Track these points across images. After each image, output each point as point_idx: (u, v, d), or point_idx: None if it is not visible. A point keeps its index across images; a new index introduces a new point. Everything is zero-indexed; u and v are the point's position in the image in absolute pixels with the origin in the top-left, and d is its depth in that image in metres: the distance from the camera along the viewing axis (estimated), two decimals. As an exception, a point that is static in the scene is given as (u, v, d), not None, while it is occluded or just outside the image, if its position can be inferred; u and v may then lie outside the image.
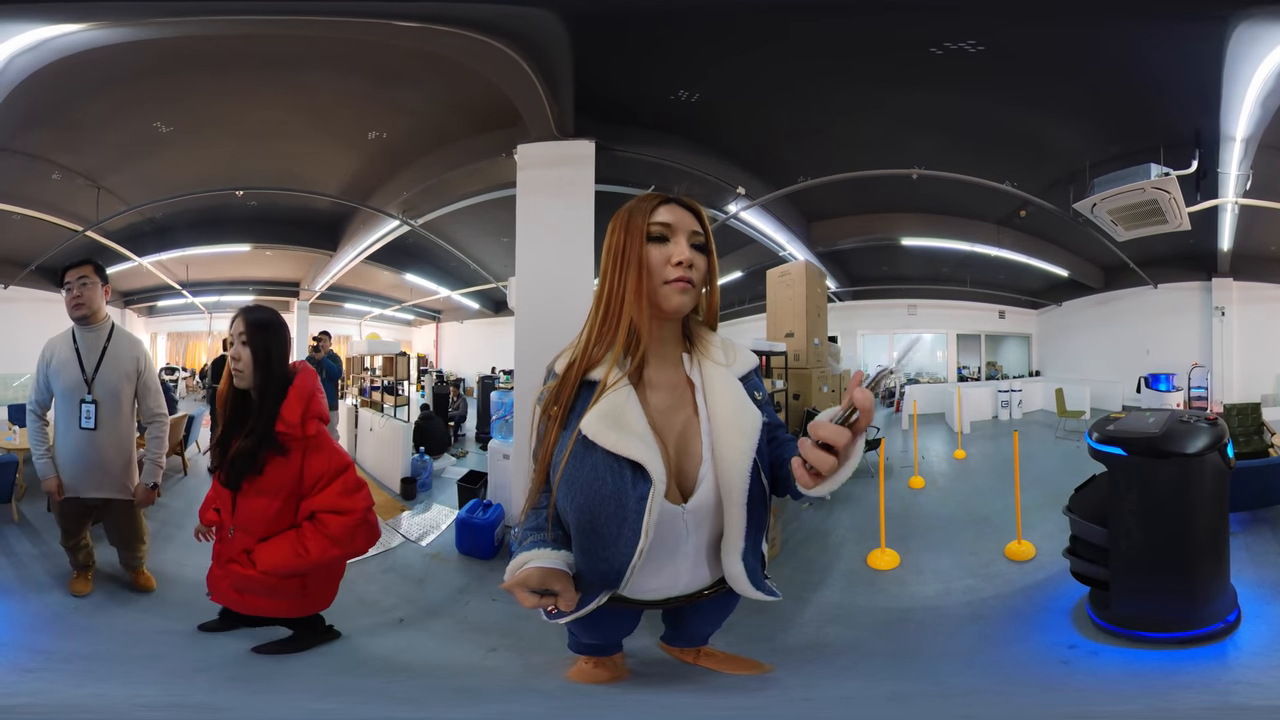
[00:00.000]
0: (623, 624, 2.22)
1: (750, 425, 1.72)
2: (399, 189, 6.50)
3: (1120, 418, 3.64)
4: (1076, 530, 3.60)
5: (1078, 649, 3.29)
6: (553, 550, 1.69)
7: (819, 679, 3.00)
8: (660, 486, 1.62)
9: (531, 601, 1.59)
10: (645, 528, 1.61)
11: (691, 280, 1.70)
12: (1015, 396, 7.60)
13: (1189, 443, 3.25)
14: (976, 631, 3.67)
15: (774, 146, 5.91)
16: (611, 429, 1.63)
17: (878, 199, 6.57)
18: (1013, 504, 4.73)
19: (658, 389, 1.77)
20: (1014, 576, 4.26)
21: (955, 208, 6.60)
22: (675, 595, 1.85)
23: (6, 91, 4.57)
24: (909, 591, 4.20)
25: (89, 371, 3.70)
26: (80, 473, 3.75)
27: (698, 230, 1.75)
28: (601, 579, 1.70)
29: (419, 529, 5.42)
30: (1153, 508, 3.27)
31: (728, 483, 1.69)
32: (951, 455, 6.81)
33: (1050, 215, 6.02)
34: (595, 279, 3.71)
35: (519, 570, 1.63)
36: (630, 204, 1.78)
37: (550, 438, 1.75)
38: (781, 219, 6.75)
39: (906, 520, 5.26)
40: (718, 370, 1.80)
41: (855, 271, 7.67)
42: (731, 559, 1.77)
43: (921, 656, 3.44)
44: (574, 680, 2.61)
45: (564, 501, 1.71)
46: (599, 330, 1.74)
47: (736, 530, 1.73)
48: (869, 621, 3.85)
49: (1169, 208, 5.41)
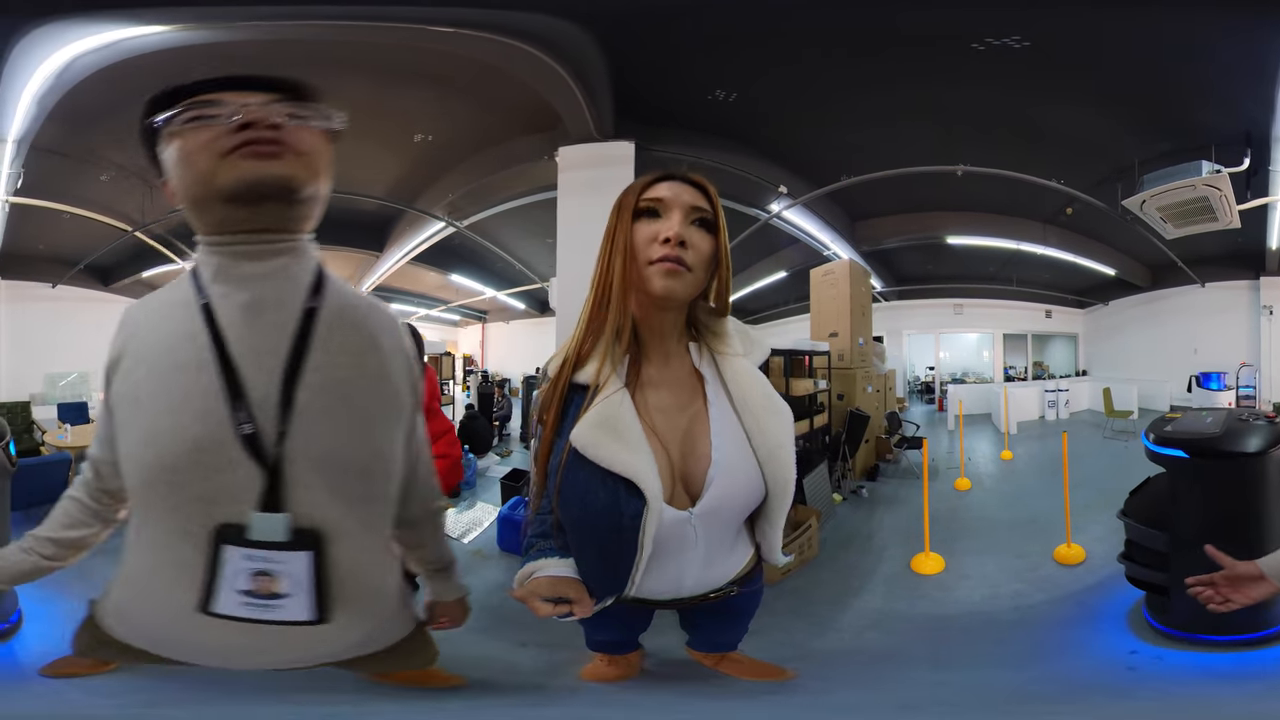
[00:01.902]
0: (634, 621, 2.08)
1: (783, 409, 1.58)
2: (445, 191, 6.46)
3: (1176, 418, 3.45)
4: (1132, 535, 3.38)
5: (1139, 654, 3.09)
6: (560, 558, 1.57)
7: (840, 686, 2.78)
8: (656, 504, 1.44)
9: (545, 610, 1.45)
10: (641, 544, 1.46)
11: (683, 261, 1.44)
12: (1062, 396, 7.43)
13: (1250, 441, 3.09)
14: (1026, 638, 3.46)
15: (815, 145, 5.77)
16: (601, 441, 1.46)
17: (922, 197, 6.43)
18: (1060, 505, 4.51)
19: (658, 387, 1.57)
20: (1064, 581, 4.03)
21: (1001, 205, 6.44)
22: (681, 597, 1.66)
23: (63, 91, 4.60)
24: (953, 597, 4.00)
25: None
26: None
27: (700, 207, 1.49)
28: (601, 587, 1.56)
29: (462, 526, 5.35)
30: (1217, 509, 3.06)
31: (775, 475, 1.53)
32: (998, 456, 6.61)
33: (1097, 213, 5.83)
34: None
35: (528, 580, 1.53)
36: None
37: (546, 445, 1.57)
38: (825, 218, 6.62)
39: (952, 523, 5.07)
40: (737, 361, 1.60)
41: (900, 271, 7.55)
42: (772, 537, 1.63)
43: (963, 664, 3.22)
44: (585, 679, 2.45)
45: (561, 513, 1.56)
46: (588, 325, 1.54)
47: (779, 516, 1.59)
48: (910, 628, 3.67)
49: (1220, 205, 5.19)
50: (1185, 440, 3.18)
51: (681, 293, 1.47)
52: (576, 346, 1.53)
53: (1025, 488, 5.76)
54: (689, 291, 1.49)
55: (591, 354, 1.51)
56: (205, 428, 1.22)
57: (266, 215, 1.25)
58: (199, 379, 1.23)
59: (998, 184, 5.67)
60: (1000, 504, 5.56)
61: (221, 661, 1.40)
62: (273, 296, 1.29)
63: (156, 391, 1.25)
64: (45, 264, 6.20)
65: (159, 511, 1.29)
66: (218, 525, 1.25)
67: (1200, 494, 3.13)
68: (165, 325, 1.30)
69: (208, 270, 1.30)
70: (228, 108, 1.21)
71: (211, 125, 1.20)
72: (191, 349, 1.25)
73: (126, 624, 1.45)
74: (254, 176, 1.20)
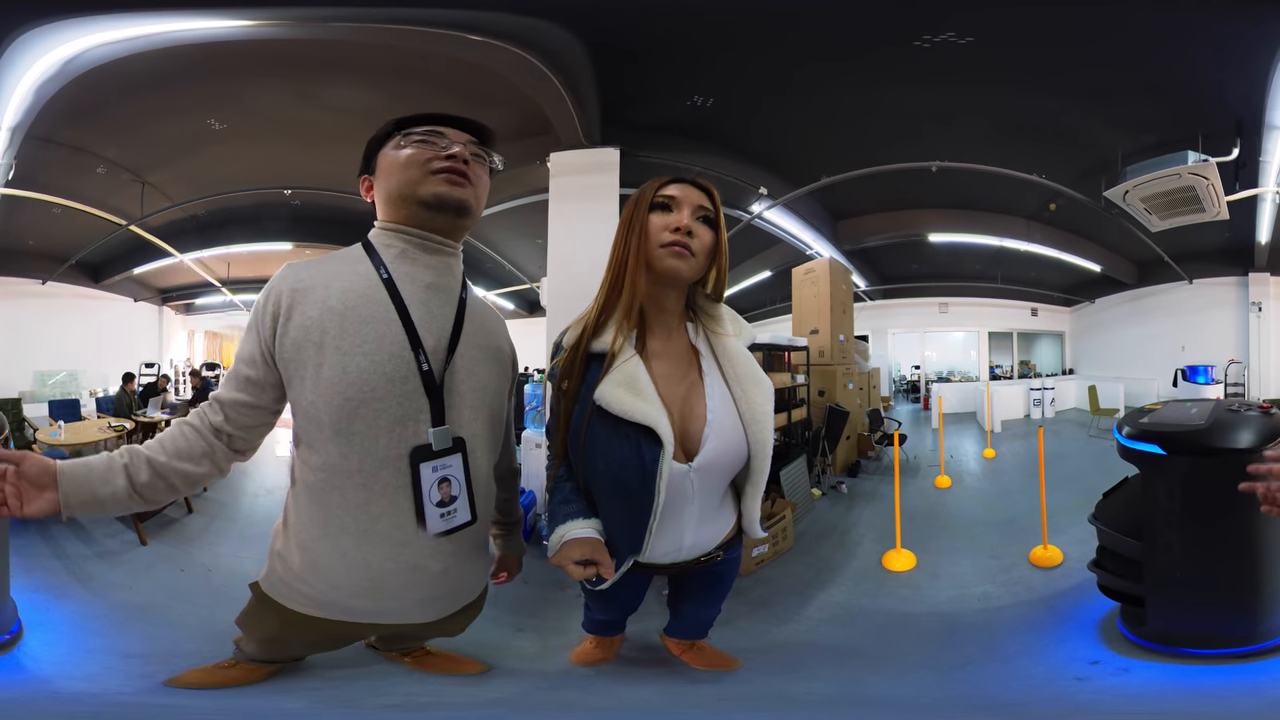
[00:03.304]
0: (634, 594, 2.28)
1: (766, 382, 1.84)
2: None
3: (1155, 409, 3.07)
4: (1105, 540, 3.08)
5: (1103, 665, 2.81)
6: (584, 520, 1.77)
7: (779, 677, 2.76)
8: (670, 449, 1.69)
9: (579, 573, 1.66)
10: (658, 488, 1.69)
11: (689, 247, 1.73)
12: (1048, 395, 7.26)
13: (1241, 435, 2.62)
14: (983, 641, 3.27)
15: (792, 146, 5.74)
16: (624, 397, 1.69)
17: (903, 195, 6.32)
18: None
19: (660, 357, 1.82)
20: (1037, 584, 3.86)
21: (983, 202, 6.29)
22: (680, 561, 1.92)
23: (62, 83, 4.55)
24: (920, 595, 3.87)
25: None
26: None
27: (705, 206, 1.79)
28: (627, 543, 1.80)
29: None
30: (1200, 516, 2.66)
31: (757, 438, 1.80)
32: (981, 454, 6.47)
33: (1082, 208, 5.67)
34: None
35: (560, 544, 1.72)
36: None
37: (568, 409, 1.81)
38: (807, 218, 6.52)
39: (930, 520, 4.94)
40: (728, 340, 1.87)
41: (885, 270, 7.40)
42: (753, 504, 1.89)
43: (904, 664, 3.05)
44: (574, 662, 2.72)
45: (587, 470, 1.80)
46: (606, 299, 1.79)
47: (760, 477, 1.85)
48: (868, 625, 3.56)
49: (1207, 195, 5.00)
50: (1163, 434, 2.77)
51: (685, 273, 1.75)
52: (595, 318, 1.79)
53: (1006, 487, 5.61)
54: (692, 273, 1.77)
55: (607, 325, 1.77)
56: (396, 366, 1.68)
57: (442, 223, 1.79)
58: (388, 331, 1.69)
59: (979, 180, 5.56)
60: (980, 503, 5.40)
61: (396, 614, 1.84)
62: (443, 283, 1.82)
63: (347, 338, 1.65)
64: (35, 259, 6.11)
65: (360, 444, 1.67)
66: (413, 447, 1.69)
67: (1180, 499, 2.72)
68: (341, 284, 1.71)
69: (389, 251, 1.79)
70: (445, 139, 1.75)
71: (430, 149, 1.73)
72: (376, 308, 1.70)
73: (309, 584, 1.79)
74: (446, 193, 1.73)
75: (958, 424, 7.12)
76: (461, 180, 1.75)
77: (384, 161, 1.79)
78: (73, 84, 4.55)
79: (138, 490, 1.59)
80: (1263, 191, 5.18)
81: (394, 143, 1.77)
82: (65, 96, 4.66)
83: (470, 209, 1.78)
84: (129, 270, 6.62)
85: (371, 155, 1.85)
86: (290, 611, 1.85)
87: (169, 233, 6.31)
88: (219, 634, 2.45)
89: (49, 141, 5.16)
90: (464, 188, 1.75)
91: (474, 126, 1.83)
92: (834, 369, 6.22)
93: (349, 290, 1.70)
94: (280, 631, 1.95)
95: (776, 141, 5.69)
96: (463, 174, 1.75)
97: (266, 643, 2.15)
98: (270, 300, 1.68)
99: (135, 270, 6.63)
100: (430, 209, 1.75)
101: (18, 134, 4.91)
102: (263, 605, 1.91)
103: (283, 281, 1.69)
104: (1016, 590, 3.83)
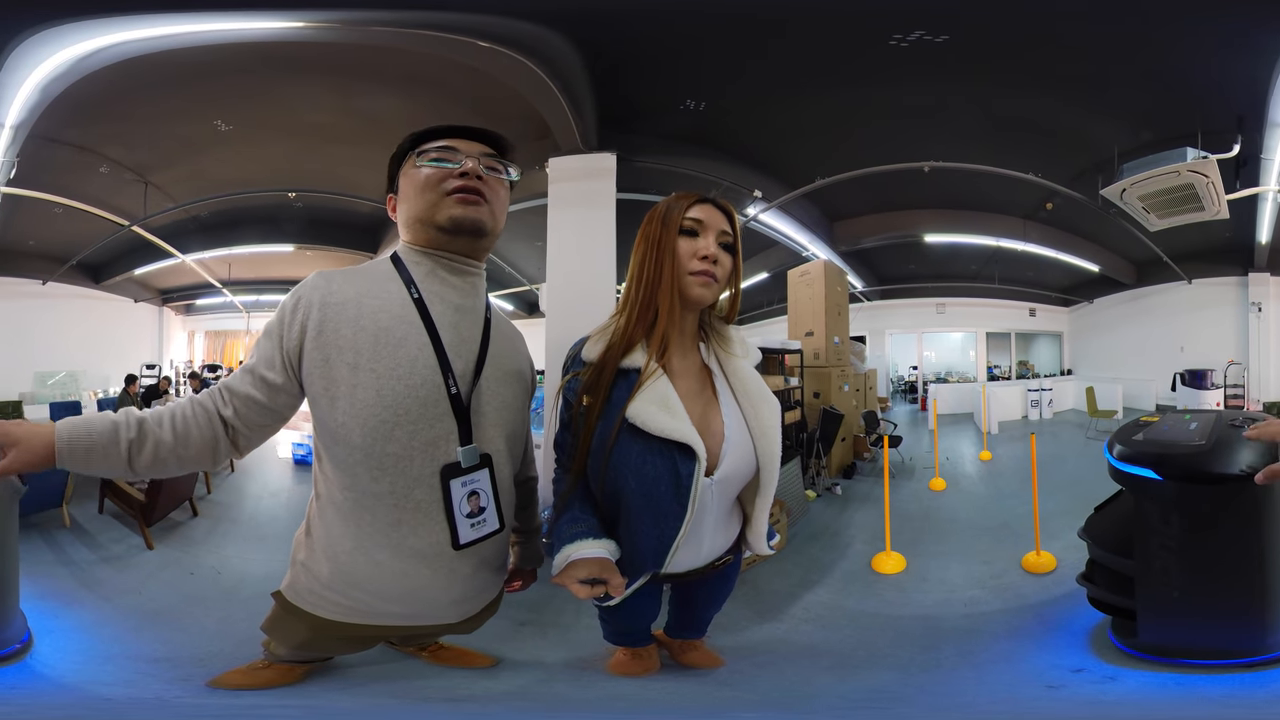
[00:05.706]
0: (653, 602, 2.25)
1: (774, 401, 1.85)
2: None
3: (1151, 423, 2.77)
4: (1095, 555, 2.82)
5: (1087, 673, 2.57)
6: (594, 540, 1.73)
7: (757, 676, 2.71)
8: (704, 465, 1.69)
9: (585, 592, 1.65)
10: (691, 502, 1.69)
11: (715, 275, 1.74)
12: (1045, 396, 7.11)
13: (1245, 455, 2.32)
14: (961, 646, 3.07)
15: (787, 149, 5.63)
16: (657, 414, 1.68)
17: (897, 196, 6.20)
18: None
19: (680, 376, 1.80)
20: (1027, 590, 3.68)
21: (978, 202, 6.16)
22: (695, 567, 1.92)
23: (69, 83, 4.50)
24: (906, 598, 3.73)
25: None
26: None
27: (727, 231, 1.79)
28: (651, 556, 1.77)
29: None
30: (1201, 541, 2.39)
31: (766, 451, 1.80)
32: (977, 457, 6.31)
33: (1079, 208, 5.50)
34: (617, 283, 3.54)
35: (566, 564, 1.69)
36: (668, 199, 1.82)
37: (590, 425, 1.76)
38: (803, 220, 6.42)
39: (922, 524, 4.81)
40: (738, 361, 1.88)
41: (883, 271, 7.29)
42: (761, 518, 1.91)
43: (873, 665, 2.93)
44: (614, 673, 2.62)
45: (614, 485, 1.75)
46: (636, 318, 1.77)
47: (769, 490, 1.86)
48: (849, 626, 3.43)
49: (1206, 193, 4.79)
50: (1159, 457, 2.46)
51: (710, 299, 1.79)
52: (624, 336, 1.76)
53: (1001, 490, 5.44)
54: (714, 299, 1.82)
55: (636, 343, 1.75)
56: (429, 391, 1.66)
57: (462, 245, 1.75)
58: (420, 354, 1.66)
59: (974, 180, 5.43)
60: (974, 506, 5.23)
61: (430, 616, 1.85)
62: (469, 304, 1.79)
63: (382, 361, 1.62)
64: (35, 260, 6.06)
65: (393, 465, 1.65)
66: (443, 465, 1.69)
67: (1177, 524, 2.43)
68: (374, 303, 1.67)
69: (418, 270, 1.75)
70: (458, 154, 1.69)
71: (442, 168, 1.68)
72: (409, 330, 1.67)
73: (340, 592, 1.77)
74: (461, 216, 1.69)
75: (955, 425, 6.98)
76: (476, 199, 1.71)
77: (404, 182, 1.76)
78: (79, 83, 4.49)
79: (133, 468, 1.57)
80: (1264, 190, 5.00)
81: (411, 161, 1.74)
82: (71, 95, 4.60)
83: (486, 229, 1.75)
84: (130, 271, 6.58)
85: (394, 173, 1.82)
86: (319, 618, 1.84)
87: (170, 233, 6.25)
88: (240, 636, 2.46)
89: (52, 140, 5.08)
90: (479, 207, 1.72)
91: (489, 137, 1.79)
92: (829, 371, 6.12)
93: (381, 310, 1.67)
94: (311, 636, 1.93)
95: (770, 144, 5.61)
96: (477, 192, 1.71)
97: (298, 647, 2.12)
98: (300, 309, 1.63)
99: (136, 271, 6.60)
100: (448, 233, 1.72)
101: (20, 132, 4.84)
102: (290, 614, 1.89)
103: (314, 292, 1.64)
104: (1006, 596, 3.67)
